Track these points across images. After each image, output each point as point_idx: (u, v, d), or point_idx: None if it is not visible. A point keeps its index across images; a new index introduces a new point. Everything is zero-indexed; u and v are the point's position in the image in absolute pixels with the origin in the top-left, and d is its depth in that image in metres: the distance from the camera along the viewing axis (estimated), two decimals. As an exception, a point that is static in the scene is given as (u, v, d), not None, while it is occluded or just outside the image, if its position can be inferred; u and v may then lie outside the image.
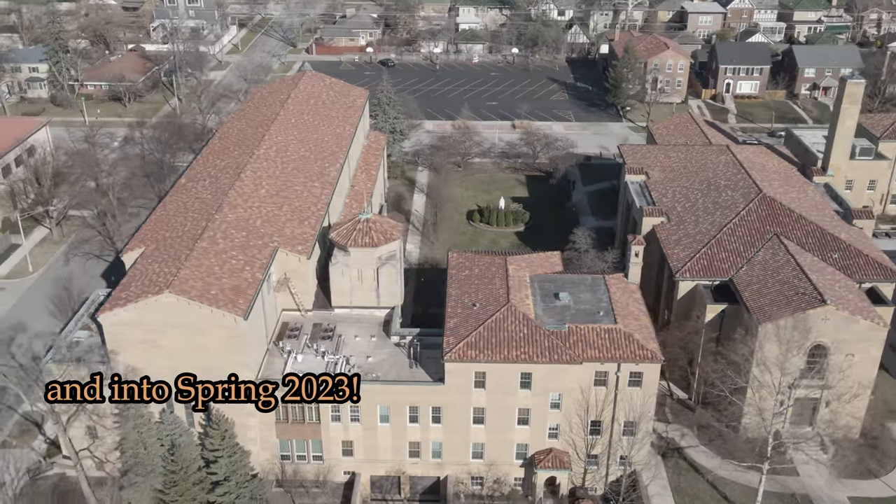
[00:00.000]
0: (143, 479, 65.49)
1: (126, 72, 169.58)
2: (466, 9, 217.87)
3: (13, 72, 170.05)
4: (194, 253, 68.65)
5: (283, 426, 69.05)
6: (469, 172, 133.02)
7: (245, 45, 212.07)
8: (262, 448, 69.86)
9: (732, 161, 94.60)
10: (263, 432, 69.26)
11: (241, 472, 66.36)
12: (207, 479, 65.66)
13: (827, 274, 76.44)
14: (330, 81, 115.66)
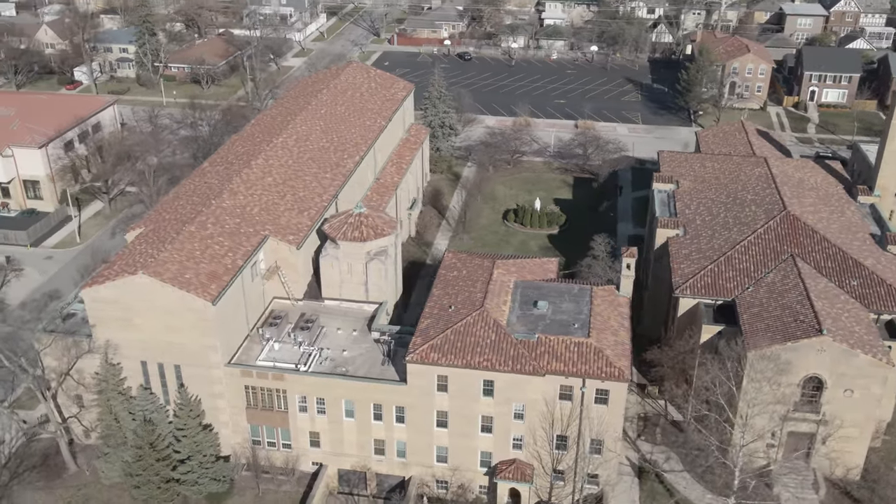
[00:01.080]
0: (113, 450, 68.09)
1: (208, 55, 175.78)
2: (553, 4, 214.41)
3: (105, 52, 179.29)
4: (180, 237, 70.53)
5: (252, 412, 70.24)
6: (517, 171, 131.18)
7: (332, 33, 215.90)
8: (233, 431, 71.30)
9: (765, 175, 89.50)
10: (235, 416, 70.64)
11: (206, 453, 67.86)
12: (173, 456, 67.51)
13: (838, 302, 71.37)
14: (374, 73, 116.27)
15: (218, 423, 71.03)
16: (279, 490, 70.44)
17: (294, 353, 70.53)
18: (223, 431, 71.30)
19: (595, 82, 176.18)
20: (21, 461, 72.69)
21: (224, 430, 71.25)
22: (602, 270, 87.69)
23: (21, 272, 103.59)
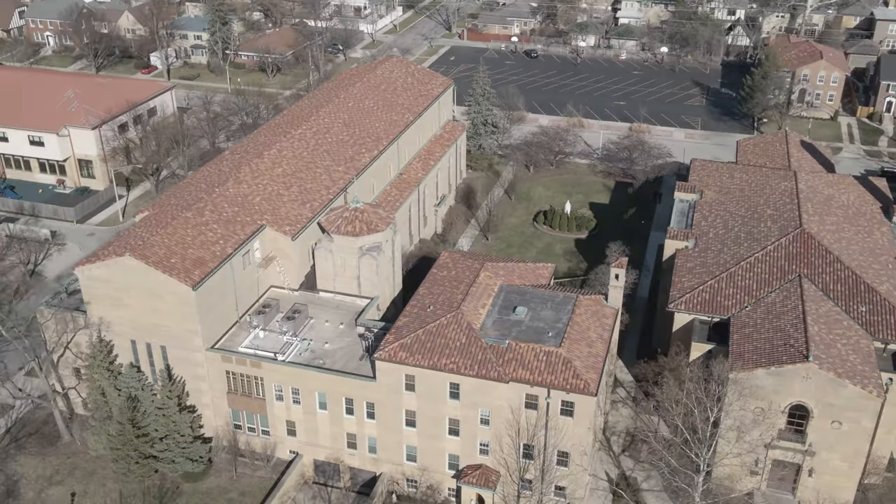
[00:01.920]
0: (99, 423, 70.86)
1: (277, 45, 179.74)
2: (629, 3, 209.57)
3: (181, 39, 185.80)
4: (174, 221, 72.65)
5: (233, 397, 71.84)
6: (559, 172, 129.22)
7: (405, 26, 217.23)
8: (215, 414, 73.13)
9: (790, 189, 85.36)
10: (217, 399, 72.41)
11: (184, 433, 69.76)
12: (152, 434, 69.70)
13: (838, 328, 67.58)
14: (413, 68, 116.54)
15: (201, 405, 73.00)
16: (254, 475, 71.87)
17: (277, 341, 71.66)
18: (206, 413, 73.24)
19: (660, 84, 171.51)
20: (23, 426, 76.53)
21: (207, 412, 73.17)
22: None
23: (63, 247, 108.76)
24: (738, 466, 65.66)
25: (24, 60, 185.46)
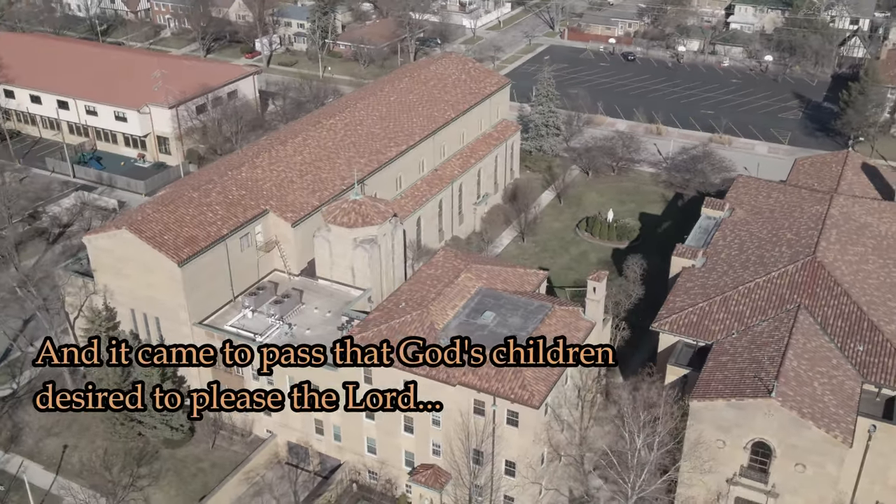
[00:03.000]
0: (96, 384, 75.69)
1: (373, 36, 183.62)
2: (744, 7, 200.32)
3: (285, 26, 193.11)
4: (179, 199, 76.47)
5: (215, 371, 75.04)
6: (619, 179, 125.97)
7: (510, 22, 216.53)
8: (202, 386, 76.60)
9: (819, 214, 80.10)
10: (203, 373, 75.82)
11: (168, 401, 73.36)
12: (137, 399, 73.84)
13: (823, 366, 63.17)
14: (470, 66, 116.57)
15: (190, 377, 76.64)
16: (230, 448, 74.84)
17: (263, 323, 74.23)
18: (194, 385, 76.80)
19: (757, 94, 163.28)
20: (38, 380, 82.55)
21: (195, 384, 76.73)
22: (615, 293, 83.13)
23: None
24: (702, 497, 62.76)
25: (144, 41, 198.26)
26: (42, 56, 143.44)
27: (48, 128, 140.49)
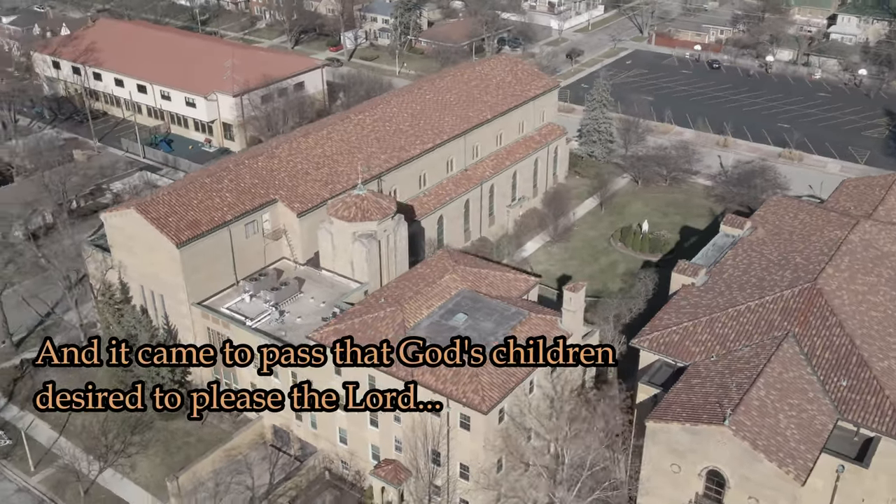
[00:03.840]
0: (106, 350, 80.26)
1: (454, 35, 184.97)
2: (847, 17, 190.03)
3: (371, 21, 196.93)
4: (191, 185, 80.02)
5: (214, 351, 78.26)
6: (669, 190, 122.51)
7: (600, 25, 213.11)
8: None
9: (836, 239, 75.87)
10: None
11: (162, 374, 77.00)
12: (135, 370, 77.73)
13: (797, 398, 60.09)
14: (519, 67, 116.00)
15: (192, 355, 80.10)
16: (219, 426, 77.83)
17: (258, 308, 76.85)
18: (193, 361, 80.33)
19: (844, 109, 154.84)
20: (64, 343, 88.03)
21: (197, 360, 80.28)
22: (618, 304, 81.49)
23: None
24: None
25: (239, 31, 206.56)
26: (129, 42, 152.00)
27: (129, 110, 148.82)
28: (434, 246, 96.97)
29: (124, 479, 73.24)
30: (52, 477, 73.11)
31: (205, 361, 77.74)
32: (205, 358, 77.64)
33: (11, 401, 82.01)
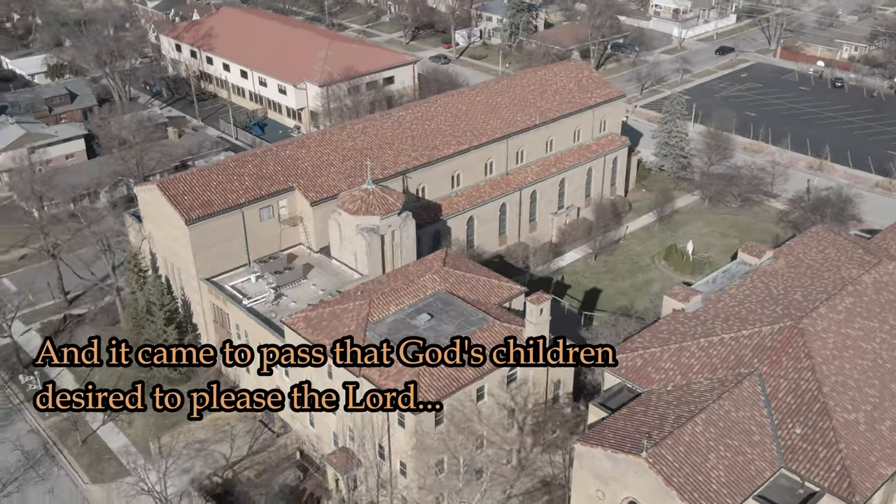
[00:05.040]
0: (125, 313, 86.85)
1: (564, 38, 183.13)
2: None
3: (486, 20, 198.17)
4: (215, 167, 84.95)
5: (216, 325, 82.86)
6: (738, 212, 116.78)
7: (727, 34, 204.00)
8: (207, 337, 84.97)
9: (847, 278, 70.46)
10: (208, 324, 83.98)
11: (170, 340, 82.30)
12: (147, 336, 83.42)
13: (739, 440, 56.87)
14: (585, 75, 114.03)
15: (201, 326, 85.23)
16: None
17: (260, 289, 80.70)
18: (203, 333, 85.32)
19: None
20: (96, 307, 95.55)
21: (203, 333, 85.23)
22: (622, 323, 79.48)
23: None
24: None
25: (363, 24, 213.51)
26: (241, 29, 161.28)
27: (235, 93, 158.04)
28: (464, 246, 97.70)
29: (120, 433, 79.11)
30: (59, 424, 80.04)
31: (205, 361, 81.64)
32: (205, 358, 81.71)
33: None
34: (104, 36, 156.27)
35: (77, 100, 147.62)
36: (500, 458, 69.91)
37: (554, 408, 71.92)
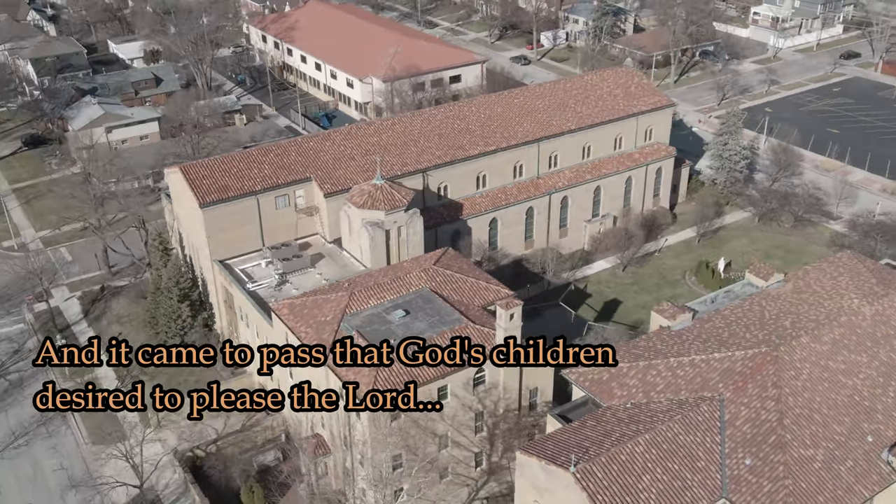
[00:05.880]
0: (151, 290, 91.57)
1: (650, 43, 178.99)
2: None
3: (573, 23, 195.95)
4: (238, 155, 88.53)
5: (226, 307, 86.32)
6: (790, 231, 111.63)
7: (829, 46, 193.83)
8: (220, 317, 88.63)
9: (848, 307, 66.69)
10: (220, 304, 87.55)
11: (183, 317, 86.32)
12: (162, 310, 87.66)
13: (679, 465, 55.00)
14: (634, 82, 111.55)
15: (215, 306, 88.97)
16: (219, 372, 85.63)
17: (267, 274, 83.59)
18: (217, 313, 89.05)
19: None
20: (134, 280, 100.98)
21: (217, 313, 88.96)
22: (614, 337, 77.79)
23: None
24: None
25: (454, 22, 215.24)
26: (323, 23, 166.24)
27: (311, 85, 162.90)
28: (484, 247, 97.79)
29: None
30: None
31: (205, 361, 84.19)
32: (205, 358, 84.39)
33: (86, 317, 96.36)
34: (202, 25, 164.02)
35: (162, 84, 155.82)
36: (467, 459, 69.99)
37: (530, 415, 71.36)
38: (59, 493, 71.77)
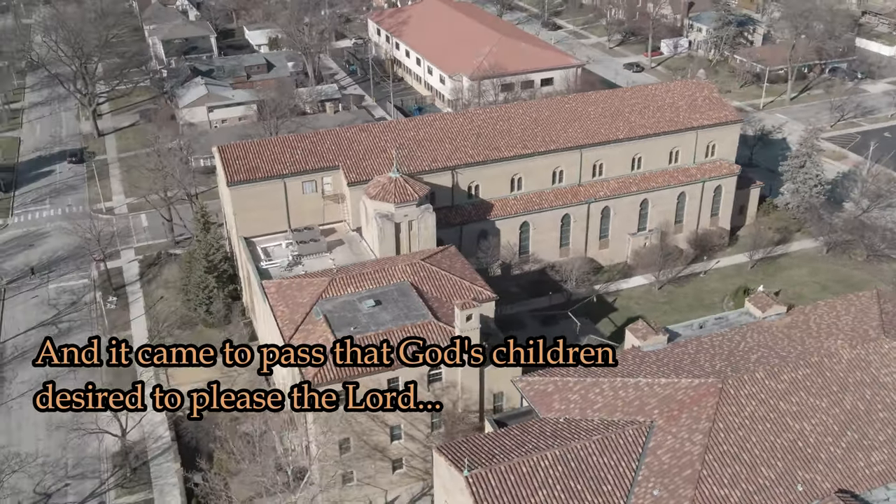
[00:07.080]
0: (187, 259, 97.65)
1: (772, 57, 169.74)
2: None
3: (697, 31, 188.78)
4: (275, 140, 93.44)
5: (245, 279, 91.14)
6: (859, 265, 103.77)
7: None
8: (246, 290, 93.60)
9: (826, 348, 61.92)
10: (245, 279, 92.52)
11: (209, 287, 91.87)
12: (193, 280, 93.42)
13: (582, 484, 53.63)
14: (702, 95, 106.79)
15: (242, 279, 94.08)
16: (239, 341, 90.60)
17: (282, 254, 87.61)
18: (243, 286, 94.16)
19: None
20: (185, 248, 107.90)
21: (243, 286, 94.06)
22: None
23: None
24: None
25: (579, 25, 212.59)
26: (432, 20, 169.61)
27: (414, 79, 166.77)
28: (514, 250, 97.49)
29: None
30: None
31: (205, 362, 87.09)
32: (205, 358, 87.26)
33: (140, 279, 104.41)
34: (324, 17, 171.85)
35: (273, 70, 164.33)
36: (423, 454, 70.70)
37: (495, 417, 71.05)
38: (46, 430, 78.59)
